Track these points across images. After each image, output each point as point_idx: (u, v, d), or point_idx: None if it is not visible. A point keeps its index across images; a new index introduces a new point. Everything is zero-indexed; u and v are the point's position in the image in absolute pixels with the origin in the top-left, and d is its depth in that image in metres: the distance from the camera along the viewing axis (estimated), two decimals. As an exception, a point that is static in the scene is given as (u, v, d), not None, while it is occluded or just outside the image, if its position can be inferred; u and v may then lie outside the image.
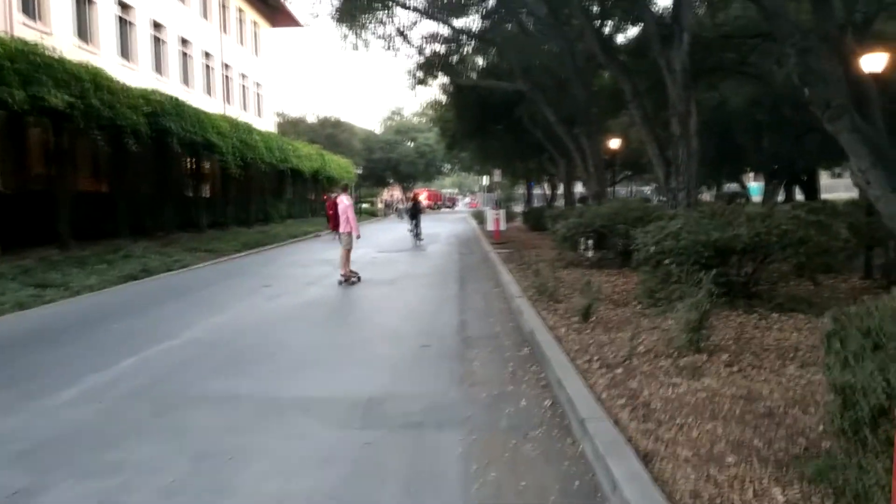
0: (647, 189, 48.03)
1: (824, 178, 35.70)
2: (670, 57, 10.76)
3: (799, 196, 29.74)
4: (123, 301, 10.84)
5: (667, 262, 7.55)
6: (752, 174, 40.57)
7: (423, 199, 57.81)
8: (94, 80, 15.17)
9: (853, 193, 35.77)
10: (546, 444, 4.11)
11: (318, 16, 30.55)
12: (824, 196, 28.07)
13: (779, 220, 7.43)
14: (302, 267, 15.41)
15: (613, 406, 4.42)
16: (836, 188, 49.27)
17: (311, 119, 56.56)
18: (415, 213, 23.00)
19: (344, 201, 12.27)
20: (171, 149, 19.30)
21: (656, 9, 15.68)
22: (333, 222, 12.36)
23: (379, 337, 7.61)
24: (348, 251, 12.12)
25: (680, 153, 10.81)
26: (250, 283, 12.79)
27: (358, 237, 12.30)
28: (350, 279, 12.06)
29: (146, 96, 17.59)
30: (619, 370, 5.28)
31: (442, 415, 4.72)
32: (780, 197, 27.62)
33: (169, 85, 25.41)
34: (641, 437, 3.86)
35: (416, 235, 22.08)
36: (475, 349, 6.73)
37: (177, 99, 19.88)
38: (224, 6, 33.51)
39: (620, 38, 20.61)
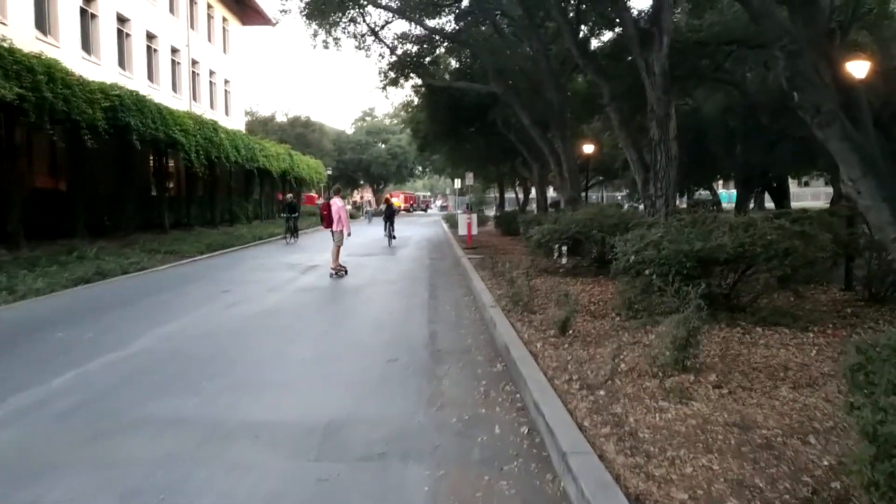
0: (619, 195, 48.12)
1: (792, 187, 36.04)
2: (650, 60, 10.47)
3: (769, 204, 29.87)
4: (72, 306, 10.19)
5: (647, 272, 7.19)
6: (721, 181, 40.87)
7: (400, 201, 58.94)
8: (48, 72, 14.35)
9: (821, 202, 36.18)
10: (523, 480, 3.68)
11: (287, 11, 29.87)
12: (791, 204, 28.24)
13: (763, 230, 7.12)
14: (265, 271, 14.82)
15: (597, 436, 4.00)
16: (804, 196, 50.07)
17: (281, 118, 55.61)
18: (389, 215, 23.59)
19: (337, 203, 13.78)
20: (133, 146, 18.49)
21: (634, 11, 15.46)
22: (327, 222, 13.74)
23: (343, 349, 7.12)
24: (339, 247, 13.58)
25: (659, 158, 10.51)
26: (210, 288, 12.18)
27: (349, 234, 13.77)
28: (339, 272, 13.35)
29: (104, 90, 16.77)
30: (602, 392, 4.87)
31: (408, 443, 4.25)
32: (750, 205, 27.65)
33: (134, 81, 24.50)
34: (630, 474, 3.44)
35: (390, 236, 22.85)
36: (445, 365, 6.28)
37: (137, 94, 19.04)
38: (193, 2, 32.63)
39: (595, 43, 20.42)
